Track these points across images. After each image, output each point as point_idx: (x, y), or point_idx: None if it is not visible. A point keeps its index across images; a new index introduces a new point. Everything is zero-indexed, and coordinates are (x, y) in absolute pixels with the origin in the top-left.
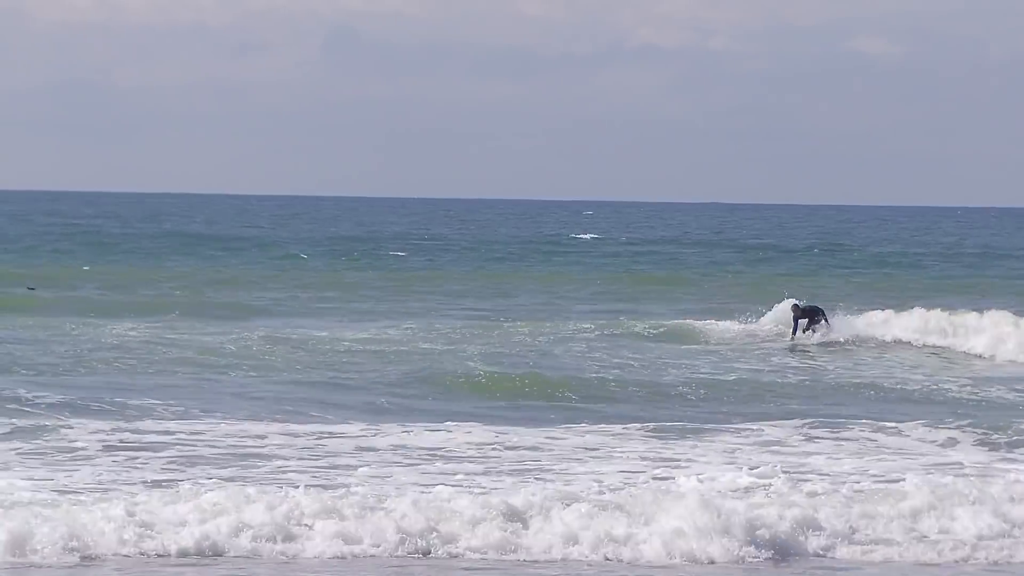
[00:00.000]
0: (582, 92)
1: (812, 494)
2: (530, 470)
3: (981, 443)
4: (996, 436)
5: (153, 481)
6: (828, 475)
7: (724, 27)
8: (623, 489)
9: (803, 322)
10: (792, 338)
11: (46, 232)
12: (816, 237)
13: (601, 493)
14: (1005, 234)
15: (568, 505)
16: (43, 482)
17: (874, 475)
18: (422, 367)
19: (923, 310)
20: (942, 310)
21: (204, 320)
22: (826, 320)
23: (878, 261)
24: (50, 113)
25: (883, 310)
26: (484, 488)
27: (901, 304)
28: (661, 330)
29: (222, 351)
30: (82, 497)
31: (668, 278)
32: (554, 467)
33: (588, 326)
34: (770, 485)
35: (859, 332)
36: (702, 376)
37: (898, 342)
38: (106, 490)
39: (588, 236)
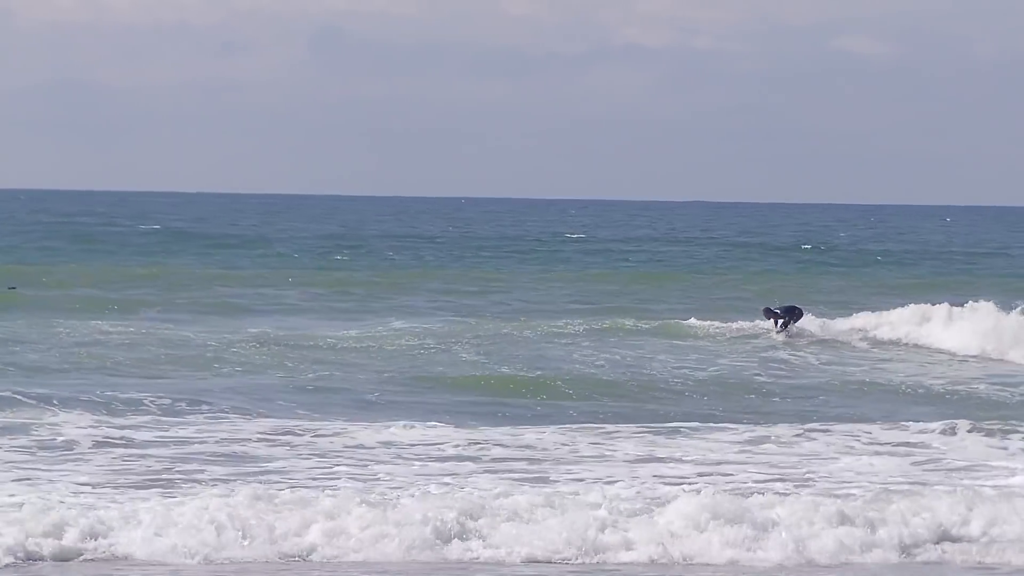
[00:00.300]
0: (570, 92)
1: (828, 493)
2: (528, 469)
3: (979, 441)
4: (992, 434)
5: (153, 481)
6: (834, 476)
7: (708, 26)
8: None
9: (781, 322)
10: (772, 335)
11: (30, 230)
12: (806, 235)
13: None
14: (995, 232)
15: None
16: (41, 483)
17: (880, 475)
18: (412, 365)
19: (914, 306)
20: (931, 305)
21: (191, 317)
22: (795, 319)
23: (868, 259)
24: (38, 112)
25: (874, 312)
26: (481, 488)
27: (890, 302)
28: (651, 327)
29: (209, 348)
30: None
31: (657, 275)
32: (551, 467)
33: (578, 322)
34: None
35: (845, 329)
36: (693, 374)
37: (886, 339)
38: (115, 492)
39: (576, 236)
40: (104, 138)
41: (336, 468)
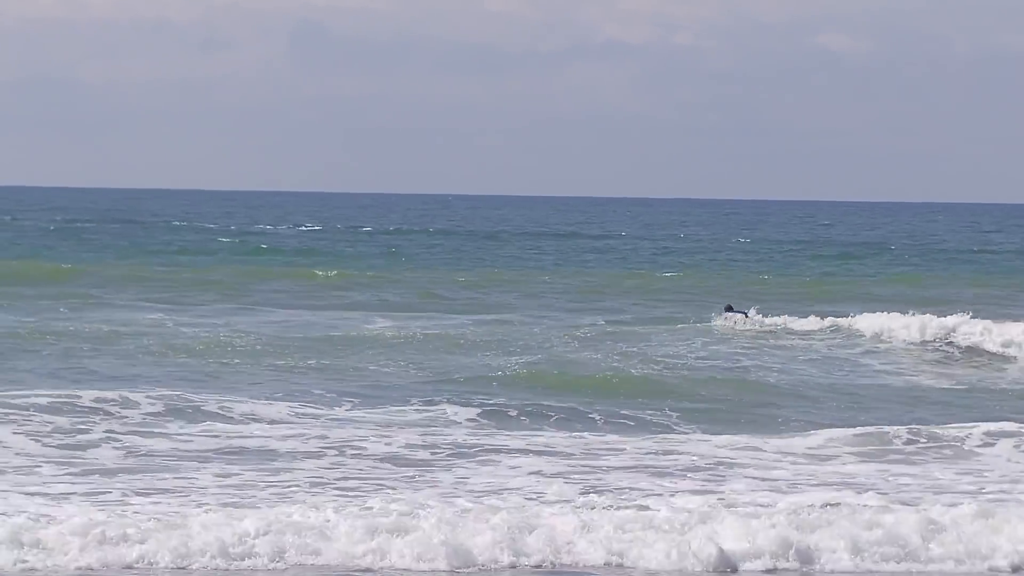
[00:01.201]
0: (549, 88)
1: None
2: (524, 471)
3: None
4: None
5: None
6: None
7: (688, 23)
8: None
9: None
10: (714, 323)
11: (12, 227)
12: (783, 234)
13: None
14: (952, 231)
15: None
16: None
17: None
18: (389, 363)
19: (895, 314)
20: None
21: (168, 310)
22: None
23: (847, 255)
24: (15, 109)
25: (870, 316)
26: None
27: (862, 303)
28: (626, 325)
29: (193, 342)
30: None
31: (631, 275)
32: (560, 472)
33: (562, 330)
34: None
35: (859, 328)
36: (674, 375)
37: (860, 339)
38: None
39: (552, 232)
40: (83, 135)
41: (330, 470)
